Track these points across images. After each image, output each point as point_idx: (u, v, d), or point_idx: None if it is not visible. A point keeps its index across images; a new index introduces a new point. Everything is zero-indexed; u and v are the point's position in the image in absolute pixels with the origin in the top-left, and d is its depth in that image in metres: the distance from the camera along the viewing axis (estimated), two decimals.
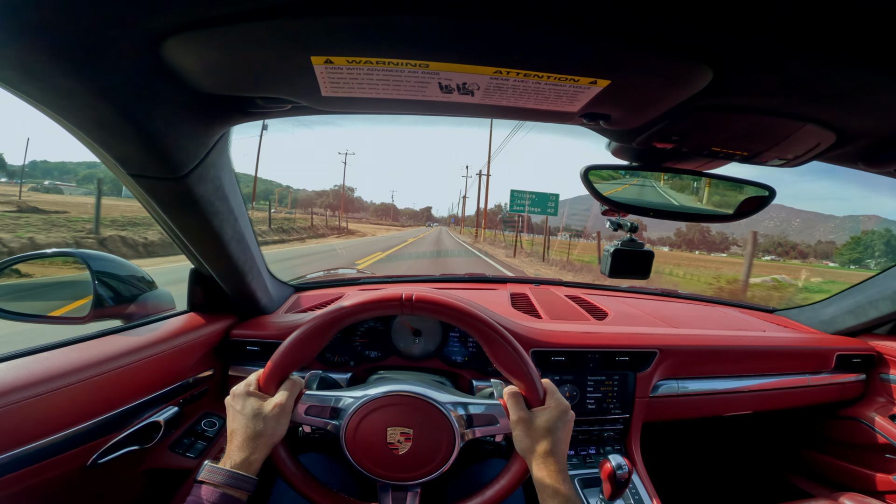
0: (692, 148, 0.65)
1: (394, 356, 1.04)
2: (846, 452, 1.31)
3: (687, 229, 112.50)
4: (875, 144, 0.60)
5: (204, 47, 0.41)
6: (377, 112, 0.57)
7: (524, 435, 0.63)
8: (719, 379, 1.14)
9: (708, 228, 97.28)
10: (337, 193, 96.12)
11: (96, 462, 0.69)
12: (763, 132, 0.58)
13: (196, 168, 0.62)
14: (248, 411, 0.61)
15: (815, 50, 0.38)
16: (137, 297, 0.95)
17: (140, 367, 0.78)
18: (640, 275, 0.85)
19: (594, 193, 0.73)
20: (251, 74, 0.46)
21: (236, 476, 0.57)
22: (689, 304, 1.59)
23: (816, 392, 1.23)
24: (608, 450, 1.07)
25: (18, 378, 0.62)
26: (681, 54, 0.40)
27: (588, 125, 0.61)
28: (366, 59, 0.42)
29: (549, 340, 1.02)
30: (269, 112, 0.58)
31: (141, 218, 10.32)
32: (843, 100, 0.48)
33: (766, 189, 0.72)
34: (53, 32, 0.37)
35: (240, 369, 1.00)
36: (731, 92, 0.48)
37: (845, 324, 1.33)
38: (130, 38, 0.39)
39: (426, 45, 0.40)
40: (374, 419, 0.67)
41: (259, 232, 14.87)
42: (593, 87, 0.46)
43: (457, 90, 0.48)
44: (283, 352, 0.65)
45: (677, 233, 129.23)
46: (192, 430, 0.92)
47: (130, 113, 0.49)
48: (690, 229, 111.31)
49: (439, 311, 0.69)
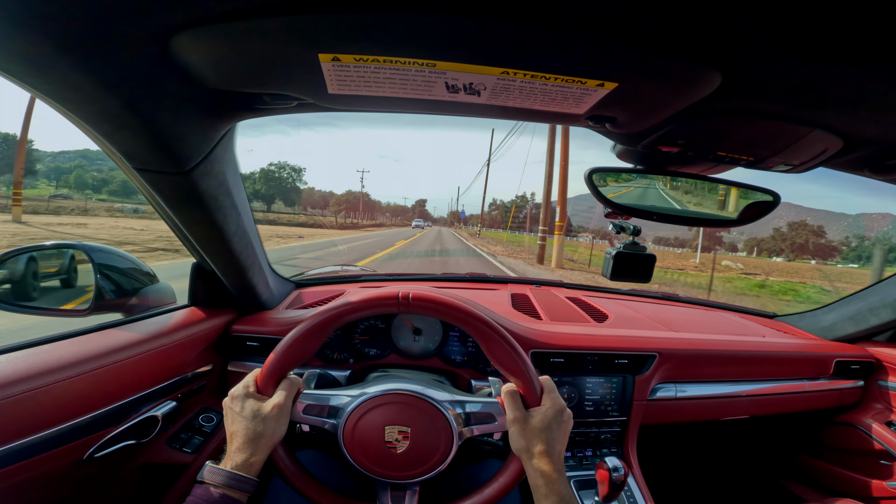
0: (698, 152, 0.65)
1: (393, 354, 1.04)
2: (842, 458, 1.31)
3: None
4: (882, 152, 0.60)
5: (212, 43, 0.41)
6: (383, 110, 0.57)
7: (519, 435, 0.63)
8: (717, 383, 1.15)
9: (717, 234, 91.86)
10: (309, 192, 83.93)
11: (92, 456, 0.69)
12: (770, 137, 0.57)
13: (201, 163, 0.62)
14: (248, 413, 0.61)
15: (825, 55, 0.38)
16: (139, 290, 0.95)
17: (139, 361, 0.78)
18: (642, 278, 0.85)
19: (598, 196, 0.72)
20: (258, 70, 0.46)
21: (237, 477, 0.57)
22: (690, 308, 1.59)
23: (814, 398, 1.23)
24: (605, 452, 1.07)
25: (17, 371, 0.61)
26: (690, 58, 0.40)
27: (594, 127, 0.61)
28: (373, 57, 0.41)
29: (549, 342, 1.02)
30: (274, 108, 0.58)
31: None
32: (851, 106, 0.48)
33: (770, 195, 0.72)
34: (61, 26, 0.37)
35: (239, 365, 1.00)
36: (739, 96, 0.48)
37: (845, 330, 1.33)
38: (139, 33, 0.39)
39: (434, 45, 0.40)
40: (371, 418, 0.67)
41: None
42: (601, 89, 0.45)
43: (463, 90, 0.47)
44: (281, 351, 0.65)
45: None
46: (190, 426, 0.92)
47: (137, 107, 0.49)
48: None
49: (436, 309, 0.69)
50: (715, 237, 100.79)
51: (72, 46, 0.39)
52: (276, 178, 43.11)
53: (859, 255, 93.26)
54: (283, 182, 44.88)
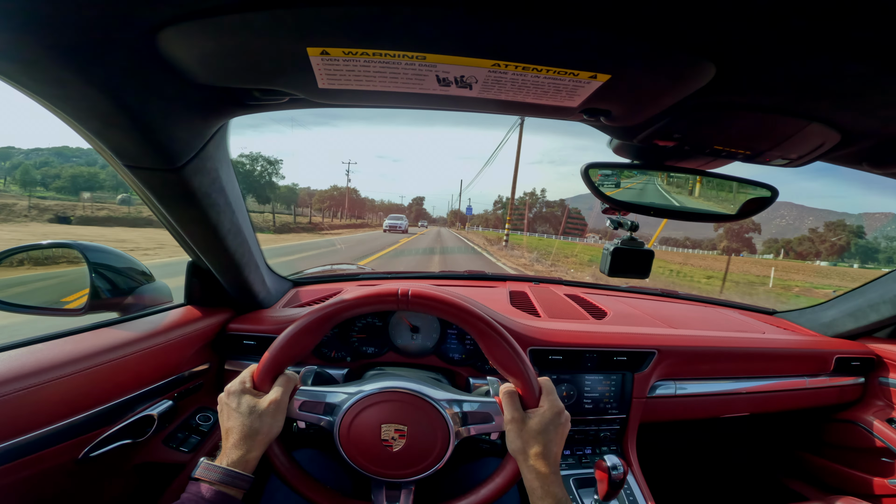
0: (694, 146, 0.64)
1: (391, 352, 1.03)
2: (843, 456, 1.30)
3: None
4: (880, 145, 0.59)
5: (200, 37, 0.40)
6: (374, 105, 0.56)
7: (516, 436, 0.63)
8: (717, 380, 1.14)
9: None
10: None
11: (88, 455, 0.69)
12: (767, 131, 0.57)
13: (192, 160, 0.61)
14: (244, 409, 0.61)
15: (822, 47, 0.37)
16: (134, 289, 0.94)
17: (135, 360, 0.78)
18: (640, 274, 0.84)
19: (595, 191, 0.72)
20: (247, 65, 0.46)
21: (232, 474, 0.57)
22: (689, 305, 1.58)
23: (814, 395, 1.23)
24: (604, 450, 1.07)
25: (11, 369, 0.61)
26: (683, 49, 0.40)
27: (588, 121, 0.60)
28: (362, 50, 0.41)
29: (548, 339, 1.02)
30: (266, 105, 0.57)
31: None
32: (848, 99, 0.47)
33: (768, 189, 0.71)
34: (49, 23, 0.36)
35: (236, 363, 1.00)
36: (734, 89, 0.47)
37: (845, 327, 1.32)
38: (126, 29, 0.39)
39: (423, 37, 0.39)
40: (368, 416, 0.66)
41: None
42: (593, 81, 0.45)
43: (454, 83, 0.47)
44: (278, 348, 0.65)
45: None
46: (186, 425, 0.92)
47: (126, 104, 0.48)
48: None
49: (435, 307, 0.68)
50: (743, 238, 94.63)
51: (60, 44, 0.38)
52: (245, 172, 39.73)
53: (889, 257, 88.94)
54: (255, 176, 41.10)
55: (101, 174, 60.42)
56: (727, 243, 41.50)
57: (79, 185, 56.20)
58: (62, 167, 71.91)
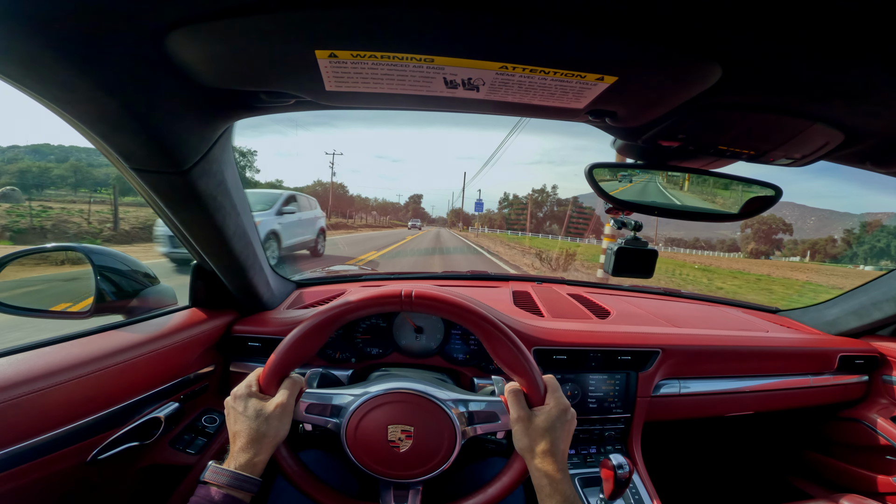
0: (698, 146, 0.64)
1: (395, 353, 1.04)
2: (847, 454, 1.30)
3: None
4: (883, 144, 0.59)
5: (208, 41, 0.40)
6: (381, 107, 0.56)
7: (523, 434, 0.63)
8: (721, 379, 1.14)
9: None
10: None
11: (96, 458, 0.69)
12: (771, 131, 0.57)
13: (199, 163, 0.61)
14: (251, 413, 0.61)
15: (826, 48, 0.38)
16: (139, 291, 0.95)
17: (141, 363, 0.78)
18: (644, 274, 0.84)
19: (599, 191, 0.72)
20: (255, 68, 0.46)
21: (240, 477, 0.57)
22: (692, 304, 1.58)
23: (818, 393, 1.23)
24: (609, 449, 1.07)
25: (19, 373, 0.61)
26: (690, 51, 0.40)
27: (594, 122, 0.60)
28: (370, 53, 0.41)
29: (551, 339, 1.02)
30: (272, 107, 0.57)
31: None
32: (852, 99, 0.47)
33: (772, 188, 0.71)
34: (56, 26, 0.36)
35: (241, 365, 1.00)
36: (739, 90, 0.47)
37: (849, 325, 1.32)
38: (134, 32, 0.39)
39: (431, 40, 0.39)
40: (374, 417, 0.67)
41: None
42: (600, 83, 0.45)
43: (462, 85, 0.47)
44: (283, 351, 0.65)
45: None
46: (193, 427, 0.92)
47: (133, 107, 0.48)
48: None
49: (439, 307, 0.68)
50: (772, 240, 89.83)
51: (67, 46, 0.38)
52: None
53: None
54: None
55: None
56: (755, 245, 39.61)
57: (26, 184, 48.74)
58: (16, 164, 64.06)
